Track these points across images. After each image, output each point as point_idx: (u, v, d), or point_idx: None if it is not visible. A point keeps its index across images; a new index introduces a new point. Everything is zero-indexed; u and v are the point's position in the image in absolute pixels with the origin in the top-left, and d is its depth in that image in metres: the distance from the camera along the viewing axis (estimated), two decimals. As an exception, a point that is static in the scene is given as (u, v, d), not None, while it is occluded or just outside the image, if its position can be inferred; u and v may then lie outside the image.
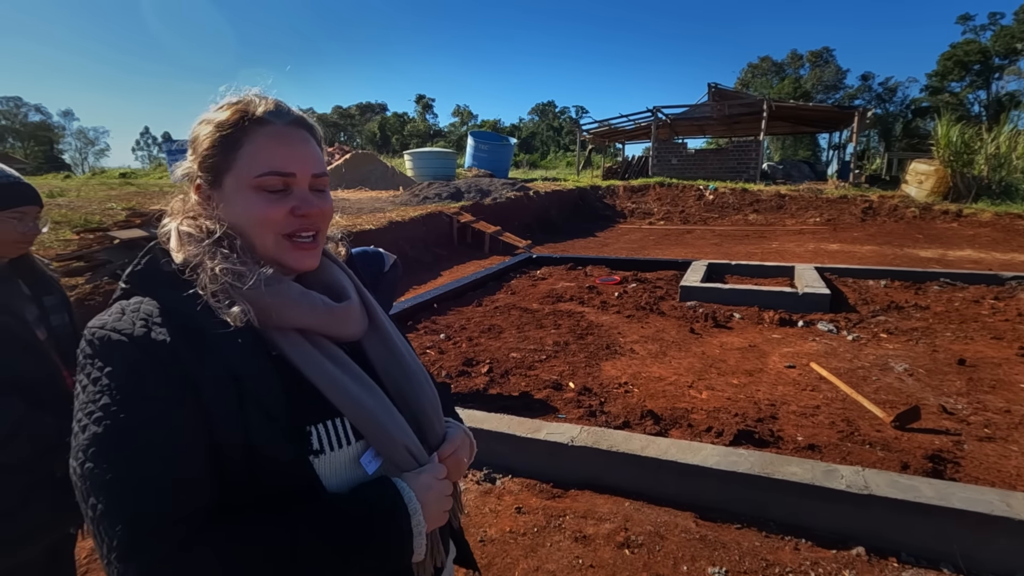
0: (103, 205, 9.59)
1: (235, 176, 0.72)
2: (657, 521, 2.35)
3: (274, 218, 0.72)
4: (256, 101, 0.74)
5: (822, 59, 54.07)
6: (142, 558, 0.57)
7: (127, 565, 0.57)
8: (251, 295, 0.69)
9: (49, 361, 1.44)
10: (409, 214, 10.39)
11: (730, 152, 20.29)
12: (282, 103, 0.76)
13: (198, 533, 0.60)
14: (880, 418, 3.20)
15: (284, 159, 0.72)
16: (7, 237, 1.38)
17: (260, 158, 0.71)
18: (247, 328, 0.69)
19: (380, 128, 65.39)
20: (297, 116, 0.76)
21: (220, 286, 0.68)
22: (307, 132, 0.76)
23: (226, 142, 0.72)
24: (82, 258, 5.62)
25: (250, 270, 0.70)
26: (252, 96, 0.75)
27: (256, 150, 0.71)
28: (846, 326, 5.01)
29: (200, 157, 0.73)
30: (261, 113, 0.73)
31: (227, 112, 0.72)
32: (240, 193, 0.72)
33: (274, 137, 0.72)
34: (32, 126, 63.01)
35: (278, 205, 0.72)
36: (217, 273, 0.68)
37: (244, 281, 0.68)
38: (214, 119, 0.73)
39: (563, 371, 4.04)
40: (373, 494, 0.70)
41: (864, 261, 8.68)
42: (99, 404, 0.61)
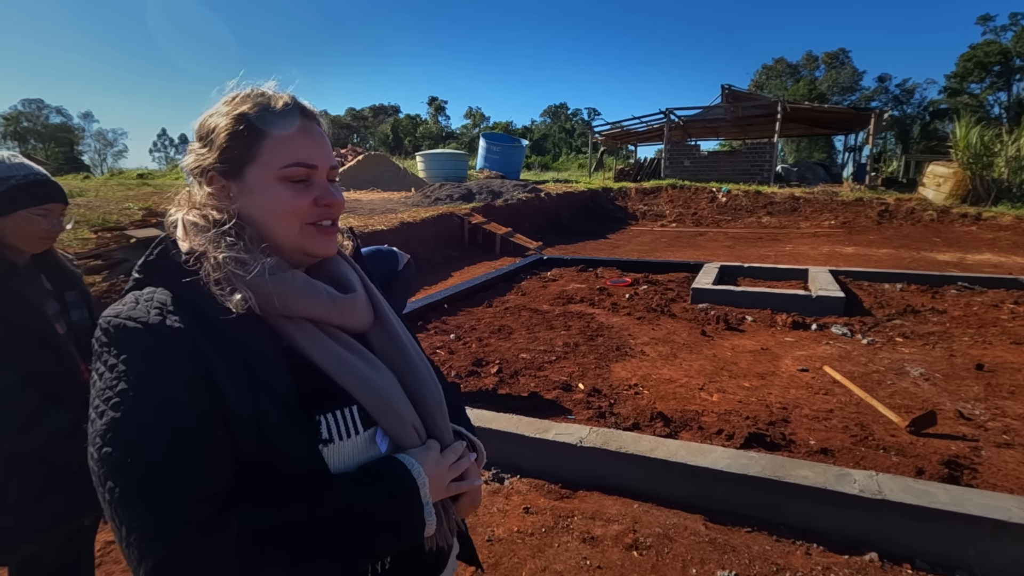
0: (121, 205, 9.75)
1: (258, 167, 0.72)
2: (666, 523, 2.33)
3: (301, 208, 0.74)
4: (274, 95, 0.75)
5: (838, 61, 53.49)
6: (161, 541, 0.58)
7: (146, 548, 0.58)
8: (254, 283, 0.69)
9: (67, 355, 1.46)
10: (421, 215, 10.43)
11: (743, 154, 20.14)
12: (298, 98, 0.77)
13: (216, 515, 0.61)
14: (895, 423, 3.15)
15: (309, 152, 0.74)
16: (33, 233, 1.41)
17: (286, 149, 0.73)
18: (257, 318, 0.70)
19: (393, 130, 65.79)
20: (312, 110, 0.78)
21: (223, 274, 0.68)
22: (320, 127, 0.79)
23: (248, 133, 0.72)
24: (100, 256, 5.71)
25: (254, 258, 0.70)
26: (268, 90, 0.76)
27: (281, 142, 0.73)
28: (861, 330, 4.94)
29: (218, 148, 0.73)
30: (281, 106, 0.74)
31: (246, 104, 0.73)
32: (265, 184, 0.73)
33: (297, 129, 0.74)
34: (53, 128, 64.22)
35: (303, 195, 0.74)
36: (220, 261, 0.69)
37: (247, 269, 0.69)
38: (232, 111, 0.73)
39: (573, 372, 4.03)
40: (382, 470, 0.72)
41: (880, 264, 8.56)
42: (116, 390, 0.62)
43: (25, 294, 1.41)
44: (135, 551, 0.58)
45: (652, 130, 23.23)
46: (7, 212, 1.36)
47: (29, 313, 1.39)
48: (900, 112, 48.69)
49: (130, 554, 0.59)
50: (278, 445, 0.66)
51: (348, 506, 0.66)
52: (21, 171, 1.40)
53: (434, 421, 0.83)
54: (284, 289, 0.72)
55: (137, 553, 0.58)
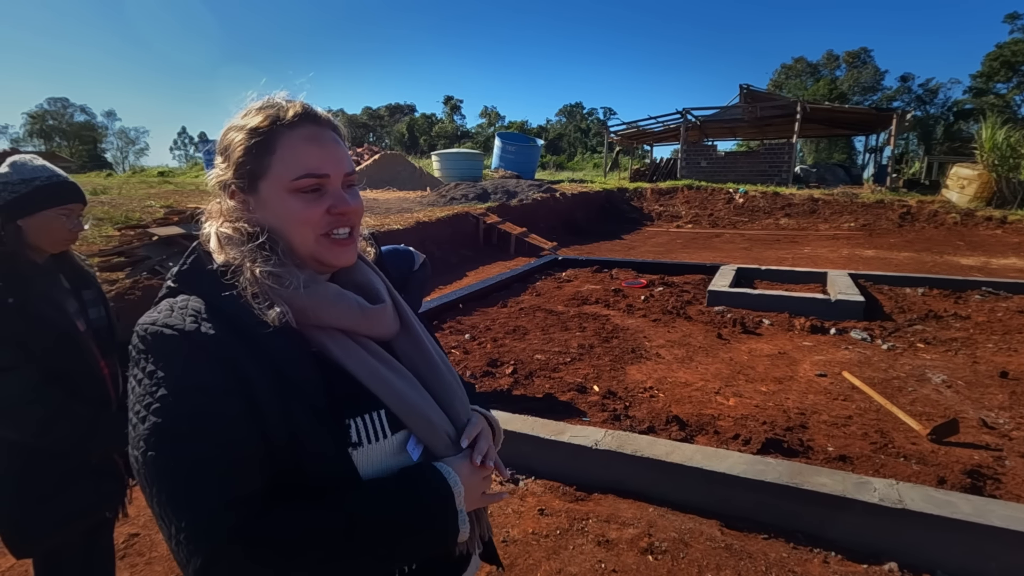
0: (143, 203, 9.93)
1: (271, 180, 0.73)
2: (682, 528, 2.32)
3: (312, 218, 0.74)
4: (285, 105, 0.75)
5: (859, 60, 52.58)
6: (206, 540, 0.60)
7: (193, 547, 0.60)
8: (289, 296, 0.71)
9: (88, 352, 1.50)
10: (436, 215, 10.47)
11: (761, 155, 19.91)
12: (310, 105, 0.77)
13: (256, 517, 0.63)
14: (916, 431, 3.10)
15: (318, 161, 0.73)
16: (55, 233, 1.45)
17: (295, 161, 0.73)
18: (289, 328, 0.71)
19: (408, 129, 66.12)
20: (325, 117, 0.78)
21: (260, 288, 0.70)
22: (335, 132, 0.78)
23: (259, 147, 0.73)
24: (123, 254, 5.83)
25: (289, 272, 0.72)
26: (280, 100, 0.76)
27: (290, 153, 0.73)
28: (881, 335, 4.87)
29: (234, 164, 0.75)
30: (291, 116, 0.74)
31: (258, 117, 0.74)
32: (277, 196, 0.74)
33: (306, 139, 0.74)
34: (77, 126, 65.54)
35: (315, 205, 0.74)
36: (258, 275, 0.70)
37: (283, 283, 0.71)
38: (245, 125, 0.74)
39: (588, 374, 4.03)
40: (419, 477, 0.73)
41: (901, 268, 8.42)
42: (156, 396, 0.64)
43: (48, 292, 1.45)
44: (183, 550, 0.61)
45: (668, 130, 23.05)
46: (31, 212, 1.40)
47: (52, 311, 1.43)
48: (923, 112, 47.73)
49: (179, 553, 0.61)
50: (309, 448, 0.68)
51: (385, 512, 0.68)
52: (44, 172, 1.43)
53: (462, 424, 0.84)
54: (317, 301, 0.74)
55: (185, 552, 0.60)
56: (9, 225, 1.39)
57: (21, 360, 1.35)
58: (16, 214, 1.39)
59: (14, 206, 1.38)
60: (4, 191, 1.38)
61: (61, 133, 63.63)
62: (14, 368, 1.34)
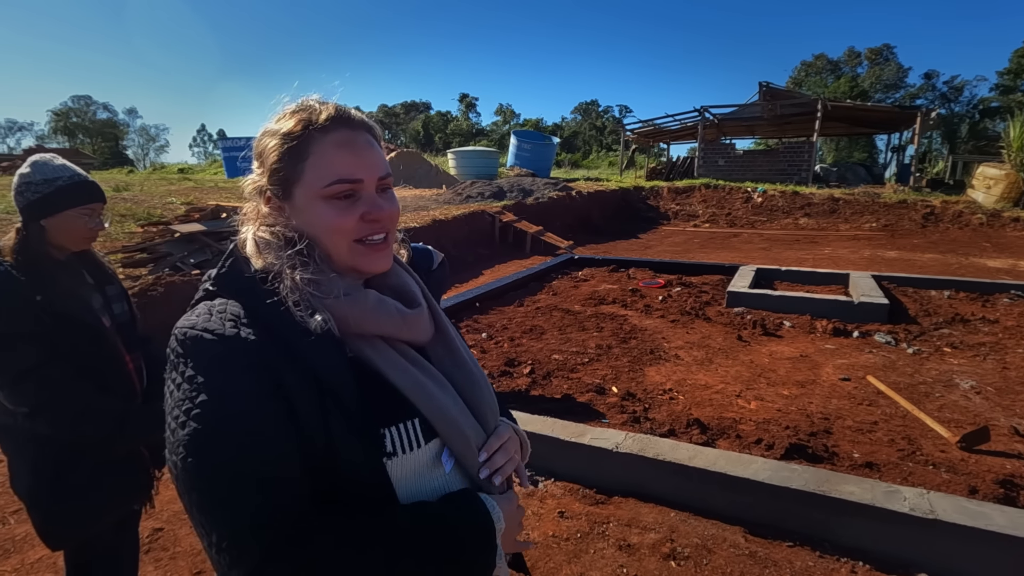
0: (164, 199, 10.08)
1: (304, 187, 0.72)
2: (704, 534, 2.29)
3: (346, 226, 0.72)
4: (317, 108, 0.73)
5: (882, 57, 51.60)
6: (249, 554, 0.59)
7: (236, 555, 0.59)
8: (331, 304, 0.71)
9: (114, 347, 1.52)
10: (452, 213, 10.49)
11: (781, 153, 19.63)
12: (343, 107, 0.75)
13: (298, 524, 0.62)
14: (944, 438, 3.03)
15: (351, 166, 0.71)
16: (77, 233, 1.47)
17: (327, 167, 0.71)
18: (326, 334, 0.70)
19: (424, 127, 66.32)
20: (359, 119, 0.75)
21: (300, 295, 0.69)
22: (369, 135, 0.76)
23: (292, 153, 0.71)
24: (145, 250, 5.91)
25: (328, 279, 0.71)
26: (313, 103, 0.74)
27: (322, 159, 0.71)
28: (906, 338, 4.77)
29: (269, 171, 0.74)
30: (324, 120, 0.72)
31: (291, 122, 0.72)
32: (310, 203, 0.72)
33: (339, 144, 0.72)
34: (100, 123, 66.70)
35: (349, 213, 0.72)
36: (298, 283, 0.69)
37: (323, 291, 0.70)
38: (279, 130, 0.73)
39: (606, 375, 4.00)
40: (466, 506, 0.72)
41: (925, 270, 8.24)
42: (196, 401, 0.63)
43: (73, 289, 1.47)
44: (225, 557, 0.60)
45: (685, 128, 22.82)
46: (55, 212, 1.42)
47: (78, 307, 1.45)
48: (948, 110, 46.69)
49: (220, 560, 0.60)
50: (345, 457, 0.67)
51: (428, 533, 0.67)
52: (65, 172, 1.45)
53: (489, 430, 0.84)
54: (360, 310, 0.73)
55: (228, 559, 0.60)
56: (33, 225, 1.41)
57: (51, 356, 1.37)
58: (39, 214, 1.41)
59: (37, 206, 1.40)
60: (27, 191, 1.40)
61: (84, 130, 64.81)
62: (45, 364, 1.36)
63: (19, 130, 66.54)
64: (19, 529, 2.47)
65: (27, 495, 1.46)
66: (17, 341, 1.33)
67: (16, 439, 1.44)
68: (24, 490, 1.46)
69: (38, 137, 64.51)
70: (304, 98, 0.75)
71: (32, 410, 1.36)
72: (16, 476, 1.46)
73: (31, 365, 1.34)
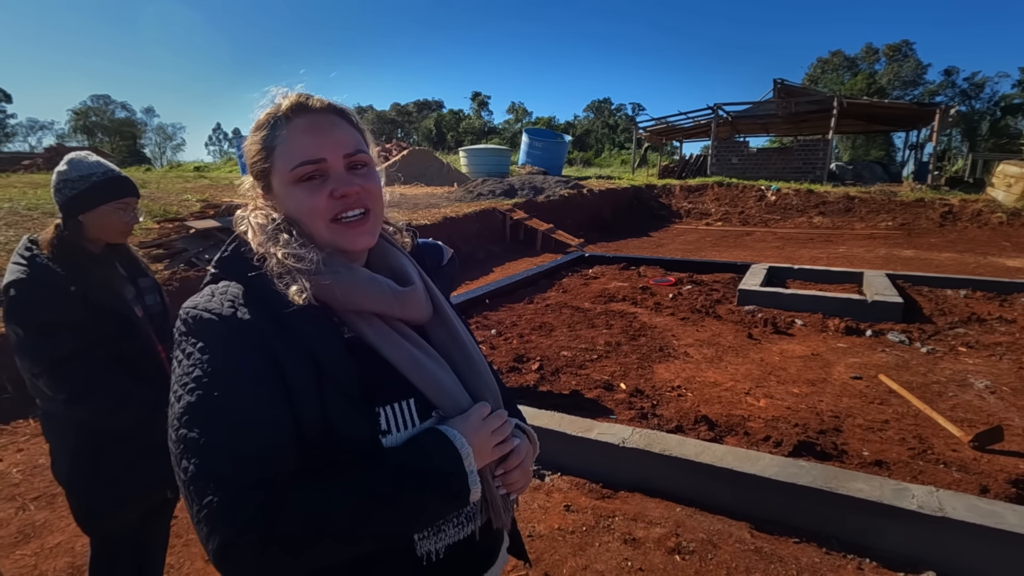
0: (180, 197, 10.22)
1: (278, 175, 0.76)
2: (710, 529, 2.29)
3: (318, 206, 0.74)
4: (282, 100, 0.77)
5: (900, 53, 50.77)
6: (226, 522, 0.61)
7: (212, 527, 0.61)
8: (316, 279, 0.72)
9: (147, 336, 1.58)
10: (463, 210, 10.52)
11: (795, 151, 19.42)
12: (306, 94, 0.78)
13: (276, 496, 0.63)
14: (957, 437, 2.99)
15: (312, 147, 0.74)
16: (112, 226, 1.53)
17: (291, 152, 0.74)
18: (324, 311, 0.73)
19: (436, 125, 66.49)
20: (321, 104, 0.77)
21: (284, 268, 0.72)
22: (337, 116, 0.78)
23: (264, 146, 0.76)
24: (161, 246, 6.01)
25: (310, 252, 0.73)
26: (277, 95, 0.78)
27: (287, 146, 0.74)
28: (920, 337, 4.71)
29: (252, 168, 0.79)
30: (285, 110, 0.75)
31: (262, 118, 0.77)
32: (285, 189, 0.76)
33: (302, 130, 0.75)
34: (118, 122, 67.77)
35: (318, 192, 0.74)
36: (280, 258, 0.72)
37: (304, 264, 0.72)
38: (254, 129, 0.78)
39: (614, 372, 4.00)
40: (428, 443, 0.73)
41: (942, 269, 8.12)
42: (192, 376, 0.66)
43: (108, 281, 1.53)
44: (204, 528, 0.62)
45: (699, 126, 22.65)
46: (91, 207, 1.47)
47: (113, 299, 1.51)
48: (968, 107, 45.84)
49: (200, 531, 0.62)
50: (340, 433, 0.69)
51: (398, 480, 0.68)
52: (99, 168, 1.51)
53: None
54: (348, 286, 0.75)
55: (206, 531, 0.62)
56: (71, 220, 1.46)
57: (88, 345, 1.43)
58: (77, 209, 1.46)
59: (75, 201, 1.46)
60: (65, 187, 1.46)
61: (103, 129, 65.88)
62: (83, 352, 1.42)
63: (40, 129, 67.77)
64: (39, 515, 2.53)
65: (66, 479, 1.52)
66: (57, 329, 1.39)
67: (57, 425, 1.50)
68: (64, 475, 1.51)
69: (58, 136, 65.68)
70: (270, 91, 0.78)
71: (70, 396, 1.42)
72: (57, 461, 1.52)
73: (70, 352, 1.40)
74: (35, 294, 1.38)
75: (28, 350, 1.39)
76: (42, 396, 1.46)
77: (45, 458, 2.35)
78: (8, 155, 32.34)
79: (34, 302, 1.38)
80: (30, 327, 1.38)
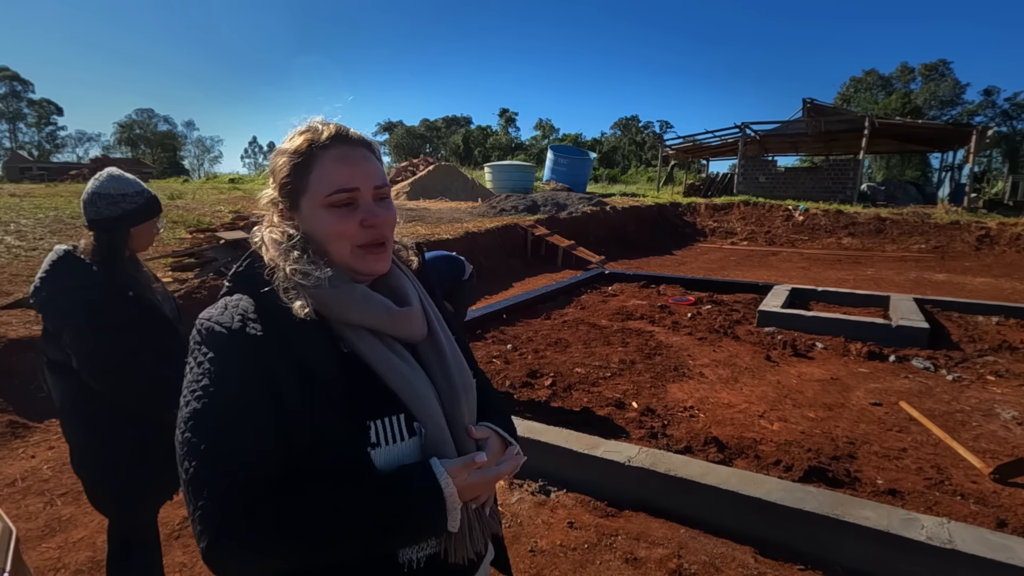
0: (213, 208, 10.60)
1: (309, 197, 0.81)
2: (713, 552, 2.28)
3: (348, 231, 0.81)
4: (320, 128, 0.82)
5: (937, 72, 49.66)
6: (212, 522, 0.68)
7: (201, 527, 0.68)
8: (316, 293, 0.78)
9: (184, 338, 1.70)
10: (485, 225, 10.64)
11: (825, 171, 19.13)
12: (343, 127, 0.85)
13: (261, 503, 0.70)
14: (977, 468, 2.91)
15: (348, 176, 0.80)
16: (148, 238, 1.68)
17: (328, 179, 0.80)
18: (322, 326, 0.78)
19: (464, 140, 67.39)
20: (357, 137, 0.84)
21: (291, 283, 0.78)
22: (366, 150, 0.84)
23: (299, 168, 0.81)
24: (193, 255, 6.24)
25: (317, 270, 0.79)
26: (317, 123, 0.84)
27: (324, 172, 0.80)
28: (946, 364, 4.58)
29: (279, 184, 0.84)
30: (326, 139, 0.81)
31: (298, 140, 0.82)
32: (315, 212, 0.81)
33: (338, 159, 0.80)
34: (160, 135, 70.67)
35: (349, 219, 0.80)
36: (288, 273, 0.78)
37: (309, 280, 0.78)
38: (287, 148, 0.82)
39: (627, 390, 3.99)
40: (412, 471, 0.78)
41: (975, 294, 7.87)
42: (200, 384, 0.73)
43: (148, 286, 1.66)
44: (196, 528, 0.69)
45: (726, 144, 22.53)
46: (143, 220, 1.63)
47: (155, 300, 1.64)
48: (1009, 128, 44.47)
49: (195, 530, 0.69)
50: (330, 445, 0.74)
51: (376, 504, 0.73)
52: (142, 186, 1.66)
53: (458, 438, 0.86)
54: (344, 300, 0.80)
55: (199, 530, 0.68)
56: (121, 231, 1.58)
57: (141, 345, 1.55)
58: (131, 221, 1.60)
59: (131, 215, 1.59)
60: (123, 202, 1.58)
61: (146, 141, 68.73)
62: (140, 351, 1.54)
63: (88, 141, 71.11)
64: (65, 511, 2.66)
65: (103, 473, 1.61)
66: (119, 330, 1.51)
67: (91, 422, 1.59)
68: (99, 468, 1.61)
69: (104, 147, 68.79)
70: (310, 120, 0.86)
71: (131, 393, 1.52)
72: (88, 456, 1.62)
73: (131, 351, 1.51)
74: (98, 298, 1.50)
75: (95, 350, 1.49)
76: (78, 395, 1.56)
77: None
78: (57, 165, 33.96)
79: (99, 305, 1.49)
80: (97, 328, 1.48)
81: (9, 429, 3.43)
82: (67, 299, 1.48)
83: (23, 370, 3.85)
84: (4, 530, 1.33)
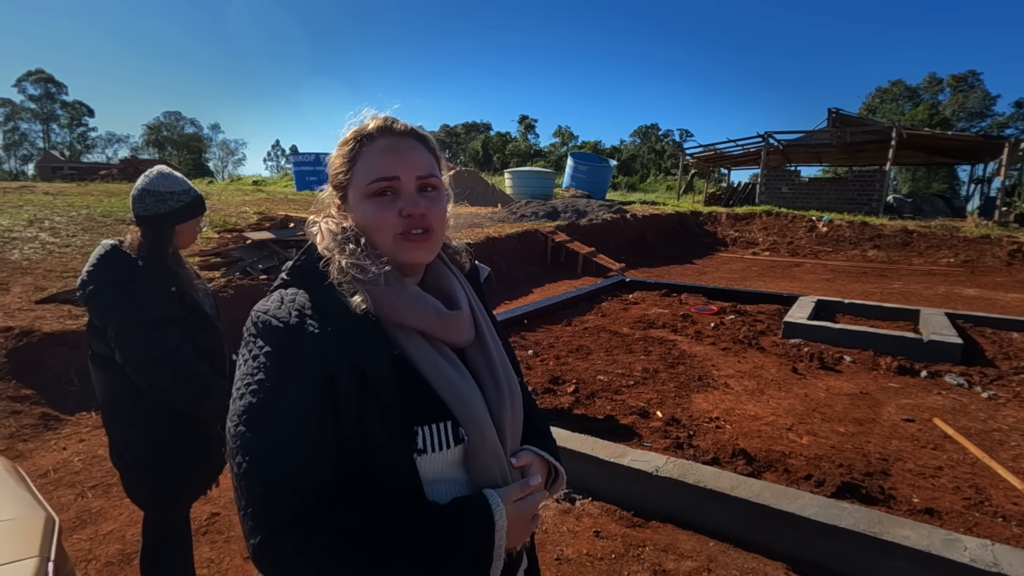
0: (238, 209, 10.77)
1: (354, 188, 0.82)
2: (744, 567, 2.23)
3: (387, 221, 0.79)
4: (369, 121, 0.84)
5: (966, 83, 48.70)
6: (269, 520, 0.66)
7: (256, 523, 0.67)
8: (371, 289, 0.77)
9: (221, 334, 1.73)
10: (505, 231, 10.65)
11: (850, 182, 18.82)
12: (391, 118, 0.84)
13: (319, 505, 0.68)
14: (1018, 489, 2.81)
15: (388, 165, 0.80)
16: (191, 236, 1.71)
17: (370, 169, 0.80)
18: (375, 325, 0.77)
19: (483, 146, 67.73)
20: (406, 128, 0.84)
21: (347, 277, 0.77)
22: (416, 141, 0.83)
23: (347, 161, 0.82)
24: (220, 255, 6.34)
25: (374, 264, 0.79)
26: (365, 117, 0.85)
27: (367, 163, 0.80)
28: (980, 381, 4.45)
29: (333, 179, 0.85)
30: (371, 130, 0.82)
31: (349, 134, 0.84)
32: (359, 202, 0.81)
33: (383, 150, 0.81)
34: (187, 137, 72.26)
35: (389, 208, 0.80)
36: (344, 266, 0.77)
37: (366, 275, 0.77)
38: (340, 145, 0.84)
39: (651, 399, 3.95)
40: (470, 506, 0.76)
41: (1008, 310, 7.65)
42: (255, 378, 0.72)
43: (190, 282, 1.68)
44: (248, 523, 0.67)
45: (748, 154, 22.28)
46: (189, 218, 1.65)
47: (196, 297, 1.66)
48: (1042, 141, 43.29)
49: (244, 525, 0.68)
50: (377, 448, 0.73)
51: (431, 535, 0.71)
52: (191, 185, 1.68)
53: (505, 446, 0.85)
54: (396, 298, 0.79)
55: (250, 526, 0.67)
56: (167, 228, 1.61)
57: (184, 340, 1.57)
58: (177, 219, 1.62)
59: (178, 212, 1.62)
60: (172, 199, 1.61)
61: (172, 143, 70.29)
62: (182, 346, 1.56)
63: (117, 142, 72.92)
64: (95, 503, 2.69)
65: (142, 467, 1.62)
66: (165, 325, 1.53)
67: (132, 415, 1.60)
68: (138, 463, 1.62)
69: (132, 149, 70.45)
70: (364, 111, 0.86)
71: (171, 387, 1.54)
72: (127, 450, 1.63)
73: (174, 346, 1.53)
74: (143, 292, 1.52)
75: (139, 344, 1.51)
76: (115, 390, 1.58)
77: (104, 449, 2.50)
78: (88, 165, 34.89)
79: (144, 300, 1.51)
80: (142, 323, 1.50)
81: (41, 421, 3.50)
82: (113, 293, 1.50)
83: (56, 364, 3.93)
84: (48, 519, 1.34)
